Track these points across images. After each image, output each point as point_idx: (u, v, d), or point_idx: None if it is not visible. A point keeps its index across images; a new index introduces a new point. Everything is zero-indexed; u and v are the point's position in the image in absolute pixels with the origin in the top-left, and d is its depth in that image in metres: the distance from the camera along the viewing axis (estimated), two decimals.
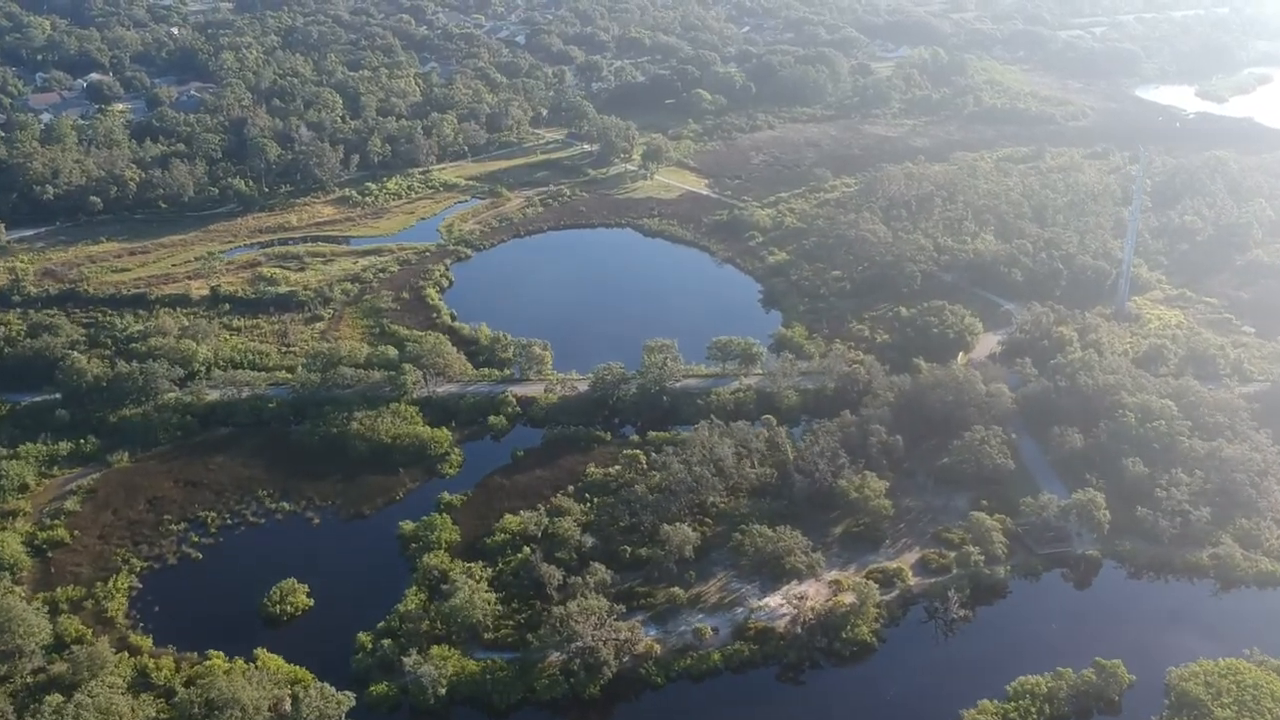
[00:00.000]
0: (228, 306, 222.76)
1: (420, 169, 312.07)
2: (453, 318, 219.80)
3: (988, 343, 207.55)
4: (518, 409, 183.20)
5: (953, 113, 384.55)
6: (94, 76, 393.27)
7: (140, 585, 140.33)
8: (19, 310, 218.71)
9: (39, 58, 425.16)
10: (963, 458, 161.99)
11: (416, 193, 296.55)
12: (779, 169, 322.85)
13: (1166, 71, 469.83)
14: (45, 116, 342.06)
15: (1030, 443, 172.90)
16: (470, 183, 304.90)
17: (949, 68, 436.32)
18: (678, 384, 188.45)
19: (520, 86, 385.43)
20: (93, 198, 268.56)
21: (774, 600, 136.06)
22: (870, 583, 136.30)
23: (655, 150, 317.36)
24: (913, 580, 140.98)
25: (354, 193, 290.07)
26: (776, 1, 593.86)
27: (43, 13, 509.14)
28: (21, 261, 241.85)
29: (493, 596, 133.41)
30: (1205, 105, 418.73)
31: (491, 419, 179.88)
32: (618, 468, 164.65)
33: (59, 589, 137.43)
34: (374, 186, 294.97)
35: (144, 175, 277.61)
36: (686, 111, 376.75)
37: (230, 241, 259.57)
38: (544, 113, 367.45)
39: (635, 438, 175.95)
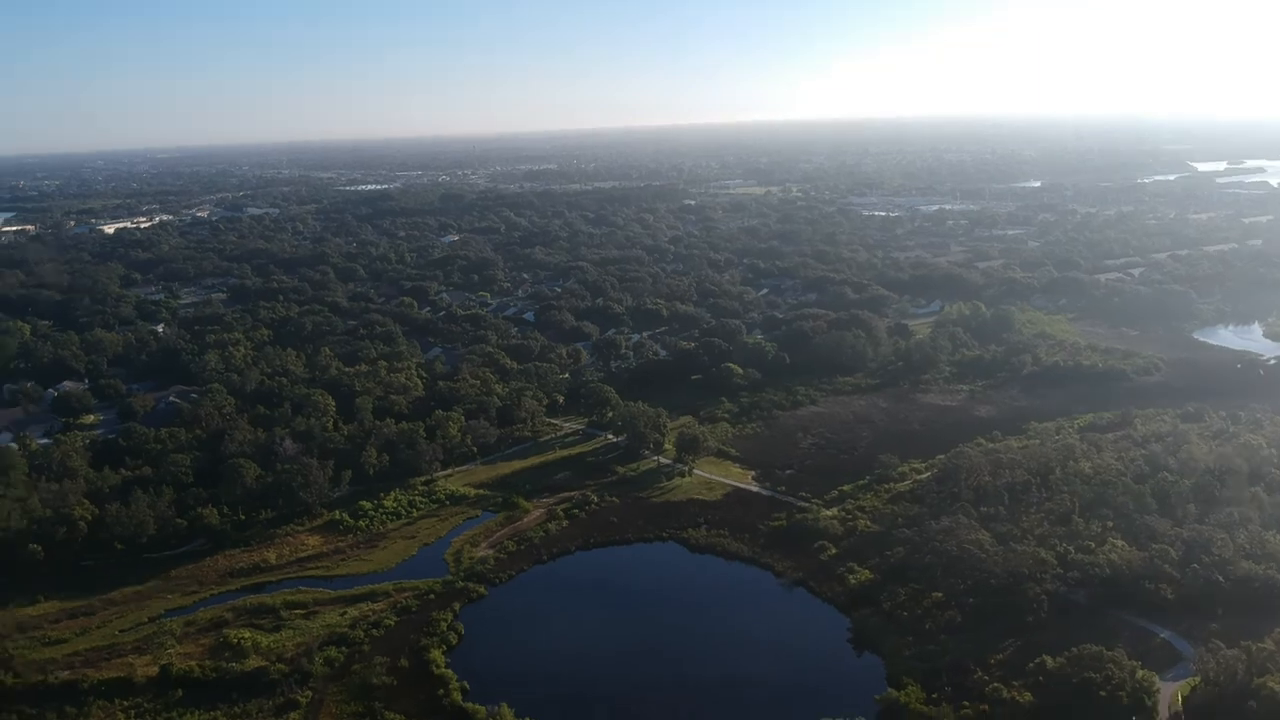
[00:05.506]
0: (180, 692, 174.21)
1: (423, 478, 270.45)
2: (464, 693, 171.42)
3: (1165, 695, 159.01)
4: None
5: (1010, 374, 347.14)
6: (66, 385, 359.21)
7: None
8: None
9: (11, 366, 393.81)
10: None
11: (419, 509, 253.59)
12: (833, 453, 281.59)
13: (1223, 312, 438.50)
14: (3, 437, 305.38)
15: None
16: (480, 492, 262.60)
17: (993, 323, 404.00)
18: None
19: (533, 372, 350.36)
20: (33, 545, 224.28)
21: None
22: None
23: (691, 440, 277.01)
24: None
25: (345, 515, 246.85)
26: (793, 261, 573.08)
27: (26, 316, 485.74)
28: None
29: None
30: (1278, 346, 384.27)
31: None
32: None
33: None
34: (369, 505, 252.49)
35: (98, 512, 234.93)
36: (717, 388, 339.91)
37: (194, 593, 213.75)
38: (560, 400, 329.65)
39: None
